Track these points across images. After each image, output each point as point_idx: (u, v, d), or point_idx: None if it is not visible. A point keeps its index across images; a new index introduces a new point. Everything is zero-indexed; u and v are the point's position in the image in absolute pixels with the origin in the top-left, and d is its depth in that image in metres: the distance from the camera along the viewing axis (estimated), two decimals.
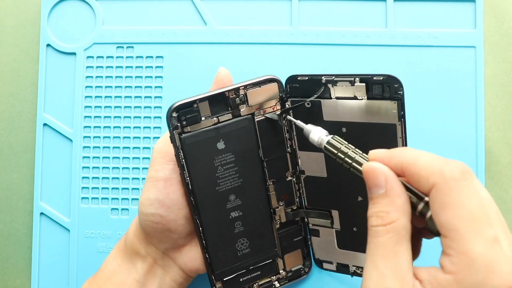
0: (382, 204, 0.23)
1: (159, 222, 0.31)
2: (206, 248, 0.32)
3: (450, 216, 0.21)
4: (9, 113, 0.43)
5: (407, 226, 0.23)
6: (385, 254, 0.22)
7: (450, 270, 0.21)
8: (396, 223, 0.23)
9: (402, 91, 0.28)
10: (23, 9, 0.43)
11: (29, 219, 0.42)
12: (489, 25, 0.41)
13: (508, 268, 0.20)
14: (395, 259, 0.22)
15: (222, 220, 0.32)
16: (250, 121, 0.32)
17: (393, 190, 0.23)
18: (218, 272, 0.33)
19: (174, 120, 0.30)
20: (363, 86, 0.29)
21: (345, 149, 0.26)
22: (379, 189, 0.23)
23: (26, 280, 0.41)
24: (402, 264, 0.22)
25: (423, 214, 0.23)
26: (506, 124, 0.41)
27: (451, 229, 0.21)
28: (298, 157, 0.34)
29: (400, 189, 0.23)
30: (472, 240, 0.20)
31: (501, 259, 0.20)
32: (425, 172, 0.22)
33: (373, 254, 0.23)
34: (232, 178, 0.32)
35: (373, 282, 0.22)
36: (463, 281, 0.20)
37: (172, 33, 0.41)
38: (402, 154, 0.23)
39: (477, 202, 0.21)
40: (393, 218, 0.23)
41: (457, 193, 0.21)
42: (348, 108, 0.30)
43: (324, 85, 0.31)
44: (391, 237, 0.22)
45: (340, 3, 0.41)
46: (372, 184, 0.24)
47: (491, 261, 0.20)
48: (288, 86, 0.32)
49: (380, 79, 0.29)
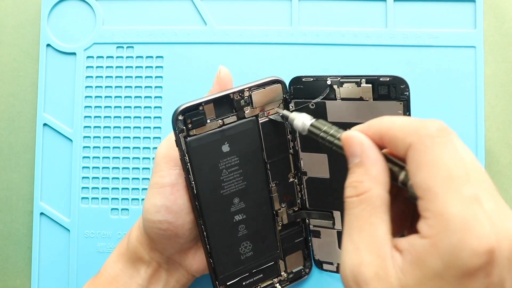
0: (357, 173, 0.22)
1: (167, 228, 0.31)
2: (210, 253, 0.32)
3: (425, 176, 0.20)
4: (9, 113, 0.42)
5: (382, 196, 0.21)
6: (360, 226, 0.21)
7: (426, 234, 0.19)
8: (369, 193, 0.21)
9: (408, 92, 0.28)
10: (23, 9, 0.43)
11: (29, 219, 0.42)
12: (489, 25, 0.41)
13: (488, 228, 0.18)
14: (371, 231, 0.21)
15: (226, 224, 0.32)
16: (254, 123, 0.32)
17: (368, 159, 0.22)
18: (221, 277, 0.33)
19: (180, 123, 0.30)
20: (369, 87, 0.29)
21: (328, 129, 0.26)
22: (355, 158, 0.22)
23: (26, 280, 0.41)
24: (378, 236, 0.21)
25: (404, 183, 0.22)
26: (506, 124, 0.41)
27: (426, 189, 0.20)
28: (300, 158, 0.34)
29: (375, 157, 0.22)
30: (448, 199, 0.19)
31: (480, 219, 0.19)
32: (401, 133, 0.21)
33: (348, 227, 0.22)
34: (236, 181, 0.32)
35: (349, 257, 0.21)
36: (439, 244, 0.19)
37: (172, 33, 0.41)
38: (379, 121, 0.23)
39: (454, 159, 0.20)
40: (366, 188, 0.22)
41: (432, 151, 0.20)
42: (354, 109, 0.30)
43: (329, 87, 0.31)
44: (365, 208, 0.21)
45: (340, 3, 0.41)
46: (349, 153, 0.23)
47: (468, 221, 0.19)
48: (292, 87, 0.32)
49: (387, 80, 0.29)
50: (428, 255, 0.19)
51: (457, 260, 0.18)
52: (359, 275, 0.21)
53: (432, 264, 0.19)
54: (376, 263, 0.21)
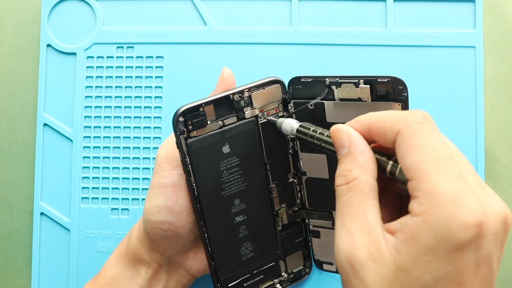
0: (346, 163, 0.23)
1: (168, 229, 0.31)
2: (211, 255, 0.32)
3: (414, 157, 0.21)
4: (9, 113, 0.43)
5: (370, 183, 0.23)
6: (351, 212, 0.22)
7: (418, 212, 0.20)
8: (358, 180, 0.23)
9: (406, 92, 0.28)
10: (23, 9, 0.43)
11: (29, 219, 0.42)
12: (489, 25, 0.41)
13: (475, 203, 0.20)
14: (361, 216, 0.22)
15: (227, 225, 0.32)
16: (254, 124, 0.32)
17: (355, 148, 0.23)
18: (223, 279, 0.33)
19: (180, 124, 0.29)
20: (368, 88, 0.29)
21: (316, 129, 0.27)
22: (344, 149, 0.24)
23: (26, 280, 0.41)
24: (369, 220, 0.22)
25: (393, 173, 0.23)
26: (505, 124, 0.41)
27: (417, 169, 0.21)
28: (300, 158, 0.34)
29: (363, 146, 0.23)
30: (437, 178, 0.20)
31: (468, 194, 0.20)
32: (389, 122, 0.22)
33: (340, 214, 0.23)
34: (237, 182, 0.32)
35: (343, 241, 0.22)
36: (430, 219, 0.20)
37: (172, 33, 0.41)
38: (366, 116, 0.24)
39: (440, 142, 0.21)
40: (355, 176, 0.23)
41: (420, 135, 0.21)
42: (352, 109, 0.30)
43: (328, 87, 0.31)
44: (354, 194, 0.23)
45: (340, 3, 0.41)
46: (338, 144, 0.24)
47: (457, 196, 0.20)
48: (291, 88, 0.32)
49: (385, 81, 0.28)
50: (421, 231, 0.20)
51: (449, 233, 0.19)
52: (353, 257, 0.22)
53: (425, 239, 0.20)
54: (369, 245, 0.21)
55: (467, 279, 0.20)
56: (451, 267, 0.20)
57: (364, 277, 0.21)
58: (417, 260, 0.20)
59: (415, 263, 0.20)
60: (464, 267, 0.20)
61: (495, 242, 0.20)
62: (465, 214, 0.19)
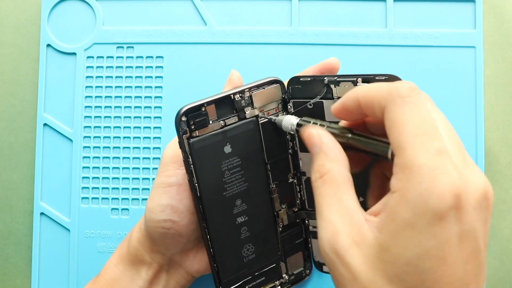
0: (318, 159, 0.24)
1: (171, 227, 0.31)
2: (214, 257, 0.32)
3: (396, 133, 0.21)
4: (9, 113, 0.43)
5: (343, 173, 0.23)
6: (328, 202, 0.23)
7: (396, 188, 0.20)
8: (331, 172, 0.23)
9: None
10: (23, 9, 0.43)
11: (29, 219, 0.42)
12: (489, 25, 0.41)
13: (454, 176, 0.19)
14: (339, 205, 0.22)
15: (229, 226, 0.32)
16: (255, 124, 0.32)
17: (325, 145, 0.24)
18: (225, 281, 0.32)
19: (183, 124, 0.29)
20: None
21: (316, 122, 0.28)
22: (316, 148, 0.25)
23: (26, 280, 0.41)
24: (347, 207, 0.22)
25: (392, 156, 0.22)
26: (505, 124, 0.41)
27: (397, 146, 0.21)
28: (299, 158, 0.34)
29: (332, 142, 0.24)
30: (415, 152, 0.20)
31: (447, 167, 0.19)
32: (377, 97, 0.22)
33: (319, 207, 0.23)
34: (238, 182, 0.32)
35: (324, 231, 0.22)
36: (407, 194, 0.20)
37: (172, 33, 0.41)
38: (355, 90, 0.24)
39: (422, 116, 0.21)
40: (327, 169, 0.23)
41: (402, 109, 0.21)
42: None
43: (326, 86, 0.31)
44: (329, 186, 0.23)
45: (340, 3, 0.41)
46: (310, 144, 0.25)
47: (435, 169, 0.19)
48: (290, 87, 0.32)
49: (382, 79, 0.29)
50: (398, 206, 0.20)
51: (425, 206, 0.19)
52: (336, 244, 0.22)
53: (402, 214, 0.20)
54: (350, 230, 0.21)
55: (451, 254, 0.19)
56: (432, 242, 0.19)
57: (350, 262, 0.21)
58: (397, 237, 0.20)
59: (395, 239, 0.20)
60: (445, 241, 0.19)
61: (478, 218, 0.20)
62: (442, 186, 0.19)
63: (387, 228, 0.20)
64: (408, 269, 0.20)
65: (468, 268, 0.20)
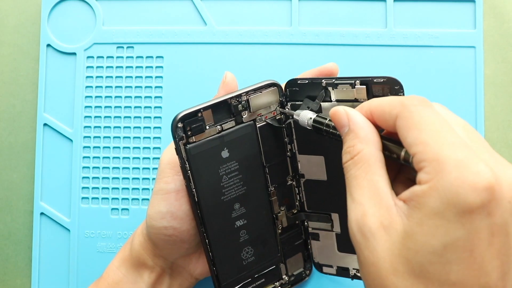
0: (349, 139, 0.24)
1: (172, 234, 0.31)
2: (212, 260, 0.32)
3: (415, 134, 0.21)
4: (9, 113, 0.43)
5: (375, 154, 0.23)
6: (359, 184, 0.22)
7: (425, 180, 0.20)
8: (362, 153, 0.23)
9: (402, 93, 0.28)
10: (23, 9, 0.43)
11: (29, 219, 0.42)
12: (489, 25, 0.41)
13: (483, 167, 0.19)
14: (370, 186, 0.22)
15: (228, 230, 0.32)
16: (252, 128, 0.32)
17: (355, 124, 0.24)
18: (225, 284, 0.33)
19: (179, 130, 0.29)
20: (364, 88, 0.29)
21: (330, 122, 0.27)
22: (345, 128, 0.24)
23: (26, 280, 0.41)
24: (378, 189, 0.22)
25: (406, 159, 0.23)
26: (505, 124, 0.41)
27: (418, 143, 0.21)
28: (298, 160, 0.34)
29: (362, 121, 0.24)
30: (440, 146, 0.20)
31: (473, 159, 0.19)
32: (388, 107, 0.23)
33: (349, 188, 0.23)
34: (236, 186, 0.32)
35: (353, 212, 0.22)
36: (438, 185, 0.19)
37: (172, 33, 0.41)
38: (369, 102, 0.24)
39: (438, 118, 0.21)
40: (358, 149, 0.23)
41: (418, 114, 0.21)
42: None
43: (324, 89, 0.31)
44: (360, 167, 0.23)
45: (340, 3, 0.41)
46: (338, 125, 0.24)
47: (462, 161, 0.19)
48: (287, 90, 0.32)
49: (381, 81, 0.28)
50: (427, 197, 0.20)
51: (456, 197, 0.19)
52: (364, 226, 0.21)
53: (432, 204, 0.19)
54: (379, 213, 0.21)
55: (479, 247, 0.19)
56: (460, 232, 0.19)
57: (375, 246, 0.21)
58: (423, 224, 0.20)
59: (422, 227, 0.20)
60: (475, 233, 0.19)
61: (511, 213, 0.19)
62: (473, 177, 0.19)
63: (415, 215, 0.20)
64: (433, 259, 0.19)
65: (497, 264, 0.19)
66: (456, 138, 0.20)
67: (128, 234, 0.40)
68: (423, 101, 0.22)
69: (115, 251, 0.40)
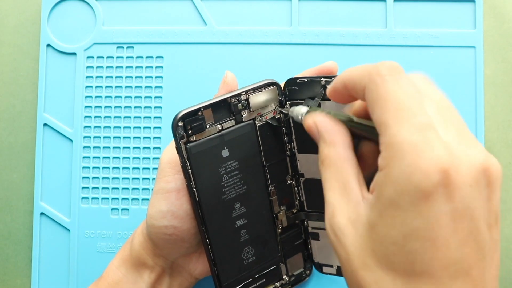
0: (319, 146, 0.24)
1: (173, 233, 0.31)
2: (213, 260, 0.32)
3: (378, 112, 0.20)
4: (9, 113, 0.43)
5: (341, 154, 0.23)
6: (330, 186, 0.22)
7: (381, 166, 0.19)
8: (328, 156, 0.23)
9: None
10: (23, 9, 0.43)
11: (29, 219, 0.42)
12: (489, 25, 0.41)
13: (440, 151, 0.18)
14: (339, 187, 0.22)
15: (228, 230, 0.32)
16: (252, 127, 0.32)
17: (321, 130, 0.24)
18: (226, 284, 0.33)
19: (180, 129, 0.29)
20: None
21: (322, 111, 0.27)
22: (315, 136, 0.24)
23: (26, 280, 0.41)
24: (346, 187, 0.22)
25: None
26: (505, 124, 0.41)
27: (380, 123, 0.20)
28: (297, 160, 0.34)
29: (326, 125, 0.24)
30: (397, 129, 0.19)
31: (432, 142, 0.18)
32: (358, 77, 0.22)
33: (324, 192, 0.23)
34: (236, 185, 0.32)
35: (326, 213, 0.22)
36: (391, 172, 0.19)
37: (172, 33, 0.41)
38: (342, 74, 0.23)
39: (405, 92, 0.20)
40: (326, 153, 0.23)
41: (382, 87, 0.20)
42: (348, 108, 0.30)
43: (323, 87, 0.31)
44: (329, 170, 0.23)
45: (340, 3, 0.41)
46: (312, 134, 0.25)
47: (418, 145, 0.18)
48: (287, 89, 0.32)
49: None
50: (383, 185, 0.19)
51: (408, 184, 0.18)
52: (334, 224, 0.21)
53: (386, 192, 0.19)
54: (347, 208, 0.21)
55: (442, 236, 0.18)
56: (418, 221, 0.18)
57: (345, 242, 0.21)
58: (383, 215, 0.19)
59: (381, 218, 0.19)
60: (434, 221, 0.18)
61: (476, 196, 0.18)
62: (426, 162, 0.18)
63: (376, 206, 0.20)
64: (395, 250, 0.19)
65: (467, 251, 0.18)
66: (421, 116, 0.19)
67: (128, 234, 0.40)
68: (393, 70, 0.20)
69: (115, 251, 0.40)
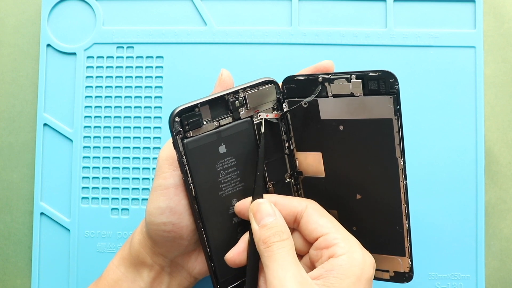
0: None
1: (172, 230, 0.31)
2: (210, 256, 0.32)
3: None
4: (9, 113, 0.43)
5: (285, 242, 0.28)
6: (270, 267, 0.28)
7: (341, 252, 0.29)
8: (274, 244, 0.28)
9: (397, 85, 0.28)
10: (23, 9, 0.43)
11: (29, 219, 0.42)
12: (489, 25, 0.41)
13: None
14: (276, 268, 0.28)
15: (225, 226, 0.32)
16: (249, 124, 0.32)
17: (263, 219, 0.29)
18: (223, 280, 0.33)
19: (177, 125, 0.30)
20: (359, 82, 0.29)
21: None
22: None
23: (26, 280, 0.41)
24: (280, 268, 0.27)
25: None
26: (505, 124, 0.41)
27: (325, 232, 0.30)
28: (296, 158, 0.34)
29: (265, 209, 0.30)
30: None
31: None
32: None
33: None
34: (234, 182, 0.32)
35: None
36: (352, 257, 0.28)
37: (172, 33, 0.41)
38: None
39: None
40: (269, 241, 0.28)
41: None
42: (345, 105, 0.31)
43: (321, 84, 0.31)
44: (269, 255, 0.28)
45: (340, 3, 0.41)
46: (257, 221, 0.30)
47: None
48: (284, 87, 0.32)
49: (376, 74, 0.29)
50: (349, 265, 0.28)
51: (368, 269, 0.28)
52: None
53: (354, 271, 0.28)
54: None
55: None
56: None
57: None
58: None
59: None
60: None
61: None
62: (368, 257, 0.29)
63: (337, 284, 0.27)
64: None
65: None
66: None
67: (128, 234, 0.40)
68: None
69: (115, 251, 0.40)
